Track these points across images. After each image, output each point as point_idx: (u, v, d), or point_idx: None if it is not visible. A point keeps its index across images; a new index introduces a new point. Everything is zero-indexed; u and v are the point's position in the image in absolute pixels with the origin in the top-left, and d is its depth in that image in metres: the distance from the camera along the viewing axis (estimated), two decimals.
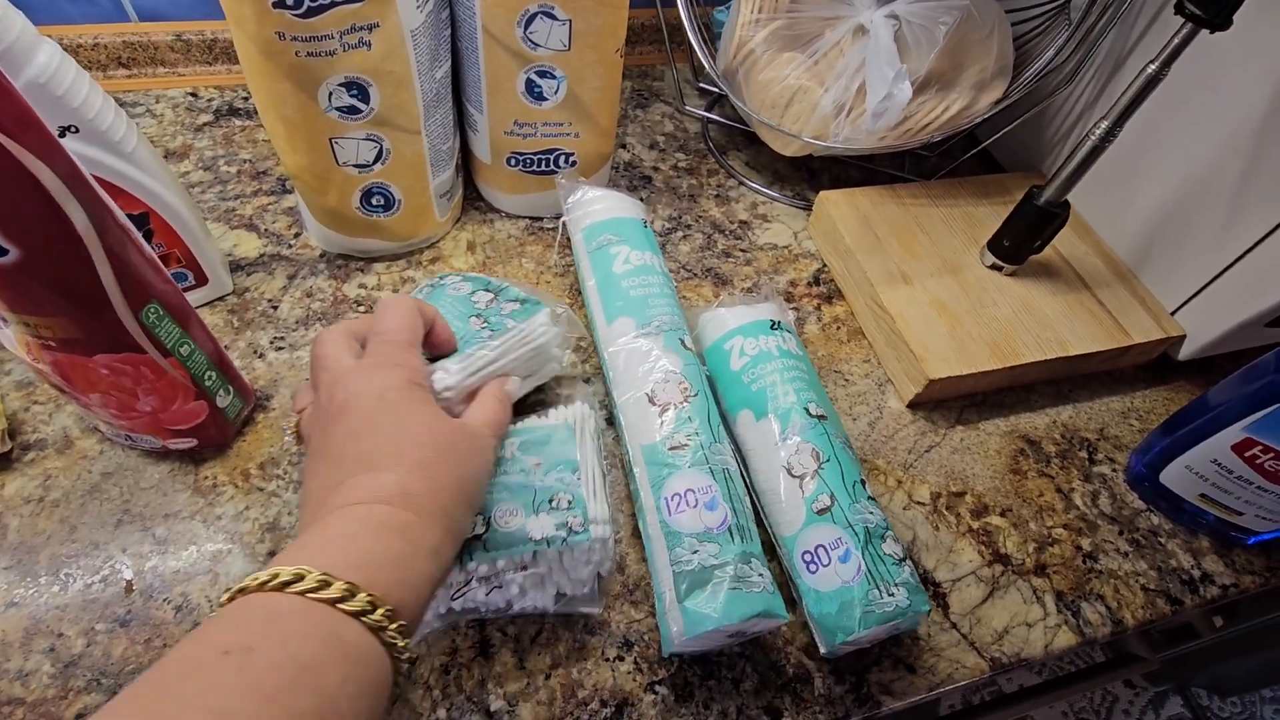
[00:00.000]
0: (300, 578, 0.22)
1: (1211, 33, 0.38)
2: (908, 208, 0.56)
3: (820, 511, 0.37)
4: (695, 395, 0.40)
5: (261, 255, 0.50)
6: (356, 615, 0.22)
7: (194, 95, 0.59)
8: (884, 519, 0.38)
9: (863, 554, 0.36)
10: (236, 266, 0.49)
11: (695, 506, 0.36)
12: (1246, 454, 0.40)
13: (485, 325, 0.38)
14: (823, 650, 0.36)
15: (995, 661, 0.39)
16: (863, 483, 0.39)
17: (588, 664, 0.36)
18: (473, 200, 0.56)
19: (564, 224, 0.49)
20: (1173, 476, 0.44)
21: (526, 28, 0.43)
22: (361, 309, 0.48)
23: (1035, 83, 0.55)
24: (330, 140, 0.42)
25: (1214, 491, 0.43)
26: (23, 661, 0.33)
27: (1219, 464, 0.41)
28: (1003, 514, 0.45)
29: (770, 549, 0.39)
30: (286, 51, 0.37)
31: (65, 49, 0.54)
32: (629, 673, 0.36)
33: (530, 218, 0.55)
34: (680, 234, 0.57)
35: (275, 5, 0.35)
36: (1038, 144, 0.62)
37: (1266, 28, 0.42)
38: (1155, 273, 0.53)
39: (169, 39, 0.58)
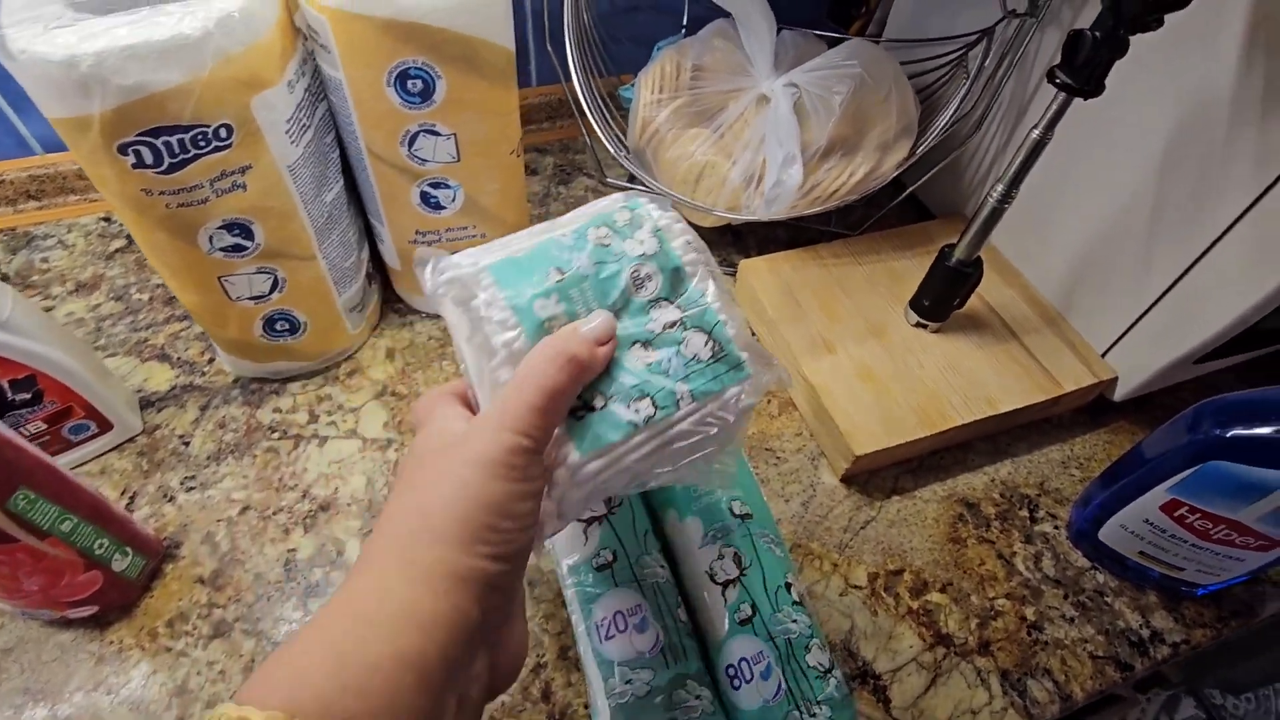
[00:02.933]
0: None
1: (1085, 100, 0.37)
2: (830, 269, 0.56)
3: (742, 622, 0.36)
4: (619, 504, 0.39)
5: (173, 387, 0.49)
6: None
7: (106, 220, 0.59)
8: (809, 625, 0.37)
9: (784, 669, 0.34)
10: (147, 402, 0.48)
11: (626, 630, 0.35)
12: (1175, 514, 0.39)
13: (652, 366, 0.26)
14: None
15: None
16: (788, 586, 0.38)
17: None
18: (392, 303, 0.55)
19: None
20: (1111, 535, 0.43)
21: (410, 146, 0.42)
22: (275, 435, 0.47)
23: (945, 134, 0.54)
24: (219, 279, 0.41)
25: (1152, 549, 0.42)
26: None
27: (1151, 524, 0.41)
28: (943, 589, 0.44)
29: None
30: (156, 205, 0.36)
31: None
32: None
33: None
34: None
35: (135, 166, 0.34)
36: (958, 188, 0.61)
37: (1164, 59, 0.42)
38: (1083, 314, 0.53)
39: (74, 167, 0.57)
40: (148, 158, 0.34)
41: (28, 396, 0.39)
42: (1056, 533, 0.47)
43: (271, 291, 0.44)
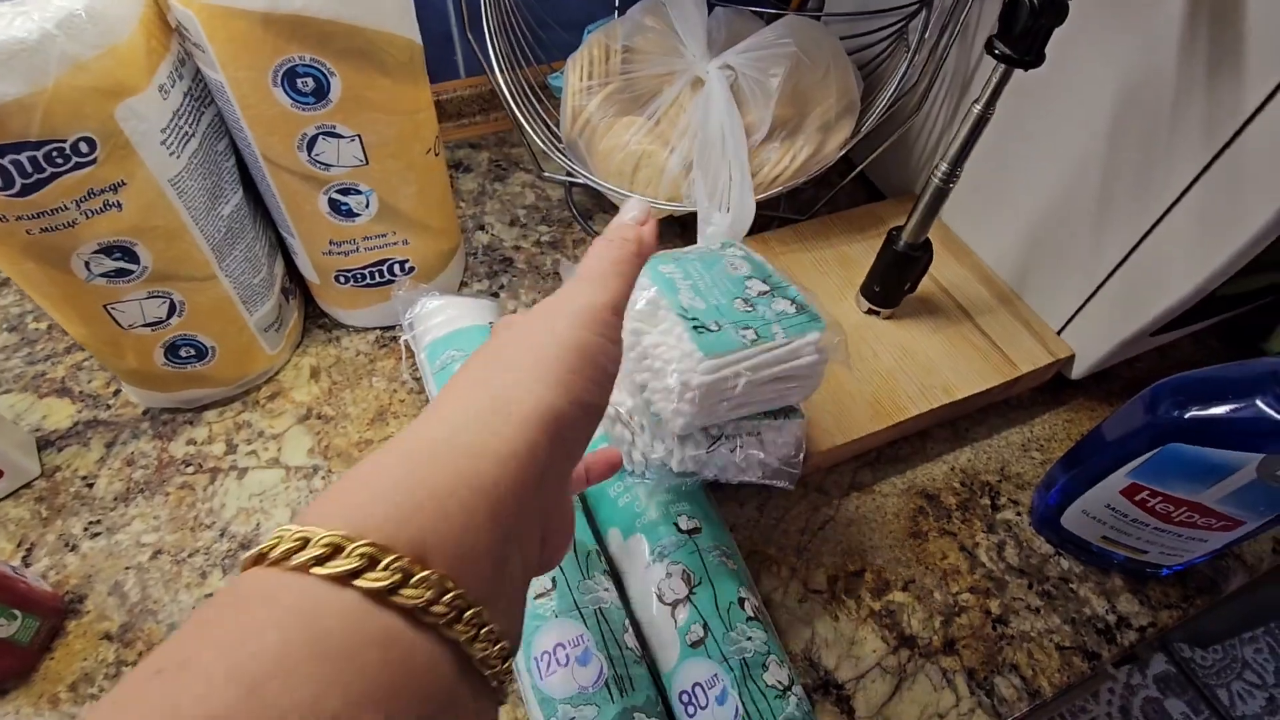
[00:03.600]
0: (331, 551, 0.15)
1: (1025, 70, 0.35)
2: (779, 257, 0.54)
3: (694, 645, 0.34)
4: None
5: (75, 424, 0.45)
6: (420, 617, 0.15)
7: None
8: (765, 640, 0.35)
9: (739, 693, 0.32)
10: (46, 442, 0.44)
11: (566, 664, 0.33)
12: (1136, 498, 0.38)
13: (751, 313, 0.34)
14: None
15: None
16: (741, 601, 0.36)
17: None
18: (316, 319, 0.52)
19: (405, 344, 0.46)
20: (1073, 521, 0.42)
21: (310, 151, 0.39)
22: (190, 469, 0.43)
23: (888, 110, 0.52)
24: (105, 307, 0.38)
25: (1114, 534, 0.41)
26: None
27: (1112, 508, 0.39)
28: (905, 588, 0.42)
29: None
30: (15, 232, 0.33)
31: None
32: None
33: (381, 328, 0.51)
34: None
35: None
36: (908, 166, 0.59)
37: (1106, 25, 0.40)
38: (1037, 292, 0.51)
39: None
40: None
41: None
42: (1019, 520, 0.45)
43: (170, 316, 0.40)
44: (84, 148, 0.32)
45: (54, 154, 0.31)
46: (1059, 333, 0.50)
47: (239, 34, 0.34)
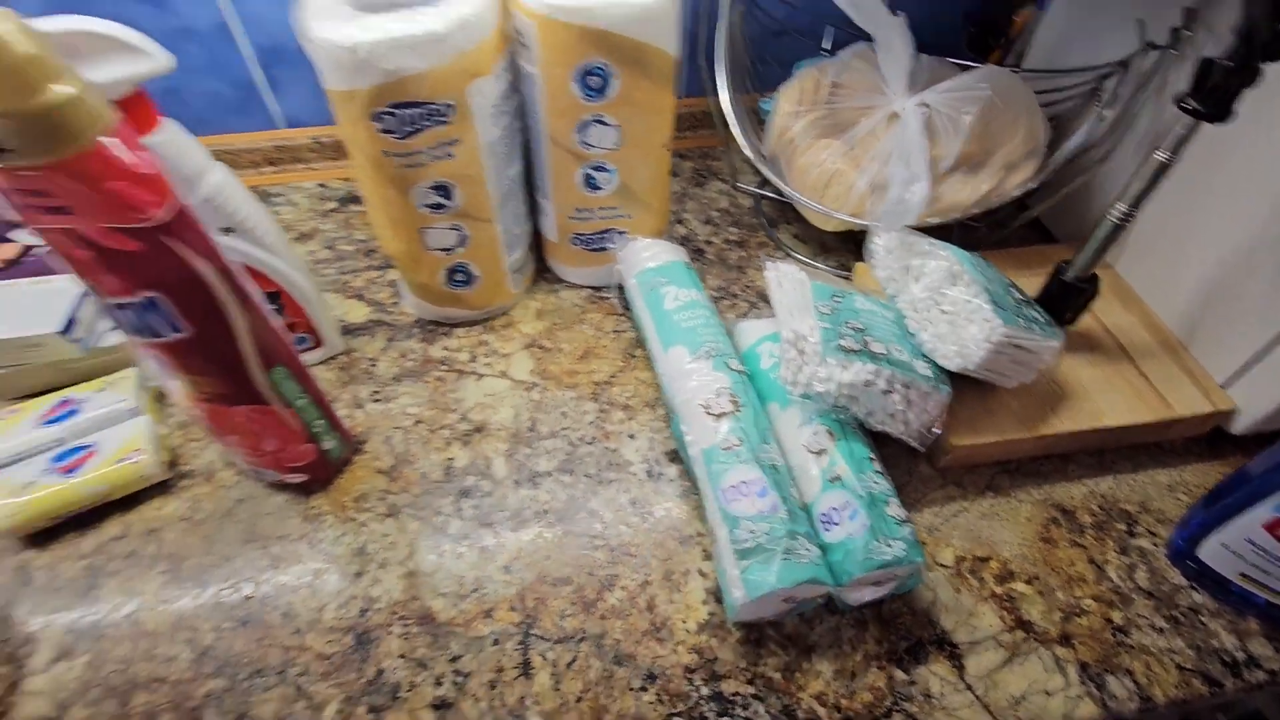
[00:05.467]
0: None
1: (1212, 124, 0.39)
2: None
3: (833, 480, 0.42)
4: (745, 406, 0.45)
5: (367, 321, 0.59)
6: None
7: (323, 186, 0.71)
8: (890, 488, 0.42)
9: (868, 513, 0.40)
10: (347, 330, 0.58)
11: (748, 495, 0.41)
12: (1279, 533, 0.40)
13: (1020, 308, 0.46)
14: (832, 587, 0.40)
15: None
16: (870, 459, 0.43)
17: (614, 691, 0.41)
18: (543, 272, 0.64)
19: (617, 270, 0.56)
20: (1211, 554, 0.44)
21: (582, 133, 0.50)
22: (443, 367, 0.56)
23: (1071, 159, 0.56)
24: (420, 230, 0.51)
25: (1254, 571, 0.42)
26: (168, 648, 0.41)
27: (1254, 543, 0.41)
28: (1029, 581, 0.46)
29: None
30: (389, 164, 0.46)
31: (229, 153, 0.68)
32: (650, 703, 0.40)
33: (591, 288, 0.62)
34: (727, 302, 0.62)
35: (381, 132, 0.44)
36: (1084, 214, 0.63)
37: None
38: (1205, 344, 0.53)
39: (307, 141, 0.71)
40: (391, 126, 0.44)
41: (274, 309, 0.50)
42: (1155, 549, 0.47)
43: (457, 246, 0.53)
44: (445, 111, 0.45)
45: (430, 113, 0.44)
46: (1224, 386, 0.51)
47: (559, 40, 0.46)
